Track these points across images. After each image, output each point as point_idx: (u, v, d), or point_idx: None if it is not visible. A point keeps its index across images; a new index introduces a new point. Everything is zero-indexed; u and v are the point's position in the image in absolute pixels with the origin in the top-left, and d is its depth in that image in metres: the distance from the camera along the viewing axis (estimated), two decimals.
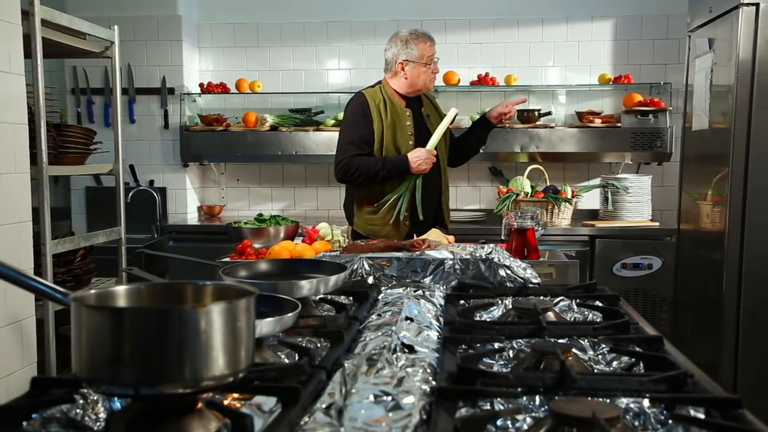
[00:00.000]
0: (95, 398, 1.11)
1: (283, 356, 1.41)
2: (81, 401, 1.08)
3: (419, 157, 3.06)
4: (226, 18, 5.04)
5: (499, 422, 1.00)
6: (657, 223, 4.40)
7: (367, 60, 4.98)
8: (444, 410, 0.98)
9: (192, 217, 4.99)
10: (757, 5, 2.93)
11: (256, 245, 2.67)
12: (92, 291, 1.05)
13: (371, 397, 0.99)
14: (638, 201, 4.42)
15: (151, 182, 4.89)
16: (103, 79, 4.88)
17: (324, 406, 1.01)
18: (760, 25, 2.92)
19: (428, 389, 1.10)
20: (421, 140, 3.17)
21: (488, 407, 1.07)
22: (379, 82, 3.32)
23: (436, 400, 1.02)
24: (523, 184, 4.34)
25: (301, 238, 2.82)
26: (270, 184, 5.13)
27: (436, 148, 3.12)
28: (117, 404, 1.13)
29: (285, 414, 1.00)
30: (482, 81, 4.73)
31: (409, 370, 1.18)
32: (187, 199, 4.95)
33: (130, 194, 4.39)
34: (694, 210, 3.54)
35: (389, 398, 1.00)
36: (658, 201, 4.59)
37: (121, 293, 1.07)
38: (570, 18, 4.85)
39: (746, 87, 2.97)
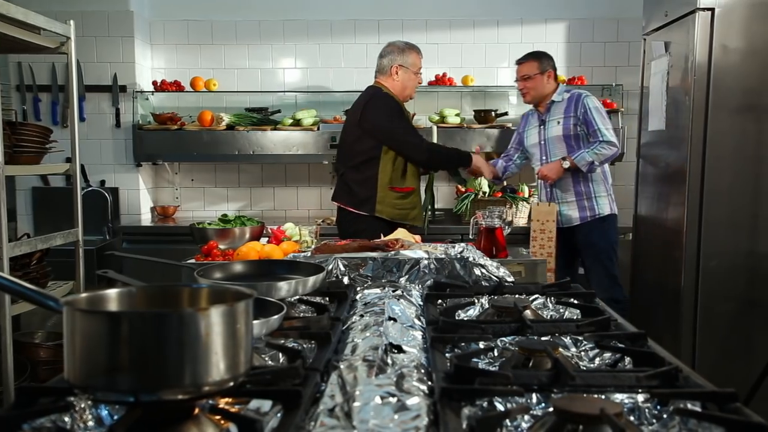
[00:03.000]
0: (83, 406, 1.07)
1: (267, 359, 1.38)
2: (69, 409, 1.04)
3: (482, 162, 3.75)
4: (179, 14, 4.95)
5: None
6: None
7: (323, 59, 4.95)
8: (450, 410, 0.98)
9: (145, 218, 4.88)
10: (712, 10, 3.03)
11: (222, 246, 2.62)
12: (83, 295, 1.01)
13: (378, 399, 0.98)
14: None
15: (102, 182, 4.76)
16: (50, 76, 4.73)
17: (327, 408, 1.00)
18: (716, 29, 3.02)
19: (426, 389, 1.10)
20: None
21: (485, 406, 1.08)
22: (376, 87, 3.55)
23: (441, 400, 1.01)
24: (481, 183, 4.38)
25: (266, 238, 2.79)
26: (225, 185, 5.05)
27: None
28: (104, 412, 1.10)
29: (289, 418, 0.98)
30: (440, 81, 4.76)
31: (404, 370, 1.17)
32: (140, 200, 4.84)
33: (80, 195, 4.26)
34: (651, 209, 3.63)
35: (395, 399, 1.00)
36: None
37: (114, 297, 1.04)
38: (524, 20, 4.92)
39: (702, 89, 3.06)
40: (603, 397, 1.09)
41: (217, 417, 1.03)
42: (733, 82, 3.06)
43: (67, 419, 1.04)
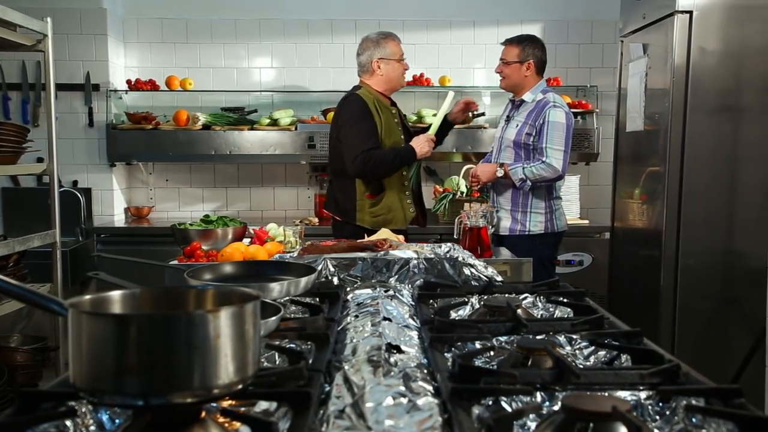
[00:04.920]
0: (84, 411, 1.05)
1: (263, 360, 1.37)
2: (71, 414, 1.02)
3: (420, 142, 3.30)
4: (153, 12, 4.88)
5: None
6: (586, 221, 4.55)
7: (300, 59, 4.93)
8: (461, 410, 0.98)
9: (119, 219, 4.80)
10: (690, 13, 3.09)
11: (205, 247, 2.59)
12: (87, 297, 0.99)
13: (390, 400, 0.98)
14: (568, 200, 4.53)
15: (75, 183, 4.68)
16: (20, 74, 4.64)
17: (338, 409, 0.99)
18: (694, 31, 3.08)
19: (431, 389, 1.10)
20: (406, 137, 3.43)
21: (490, 405, 1.08)
22: (358, 87, 3.44)
23: (451, 400, 1.01)
24: (459, 183, 4.40)
25: (249, 239, 2.76)
26: (201, 185, 5.00)
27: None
28: (104, 416, 1.08)
29: (300, 419, 0.97)
30: (417, 81, 4.77)
31: (408, 370, 1.17)
32: (114, 200, 4.76)
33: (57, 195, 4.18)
34: (629, 208, 3.69)
35: (405, 400, 0.99)
36: (586, 199, 4.74)
37: (118, 299, 1.02)
38: (500, 21, 4.95)
39: (681, 90, 3.12)
40: (606, 394, 1.11)
41: (224, 419, 1.02)
42: (711, 84, 3.12)
43: (68, 423, 1.02)
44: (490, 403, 1.09)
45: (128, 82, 4.70)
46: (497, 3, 4.94)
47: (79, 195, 4.51)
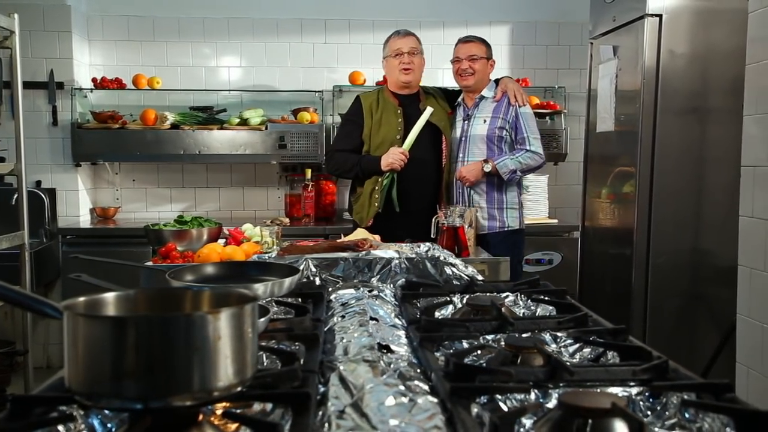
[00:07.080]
0: (75, 415, 1.03)
1: None
2: (63, 419, 1.00)
3: (387, 154, 3.24)
4: (119, 9, 4.80)
5: None
6: (555, 220, 4.60)
7: (269, 58, 4.90)
8: (462, 408, 0.98)
9: (84, 220, 4.71)
10: (660, 16, 3.16)
11: (180, 248, 2.56)
12: (81, 299, 0.97)
13: (391, 399, 0.98)
14: (537, 199, 4.60)
15: (38, 183, 4.57)
16: None
17: (337, 410, 0.99)
18: (663, 34, 3.15)
19: (427, 388, 1.10)
20: (405, 135, 3.32)
21: (485, 403, 1.09)
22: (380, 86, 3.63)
23: (451, 398, 1.01)
24: None
25: (224, 240, 2.73)
26: (169, 185, 4.92)
27: (413, 148, 3.22)
28: (95, 420, 1.06)
29: (301, 421, 0.96)
30: (384, 82, 4.75)
31: (402, 370, 1.17)
32: (79, 201, 4.67)
33: (15, 196, 4.08)
34: (599, 208, 3.74)
35: (406, 399, 0.99)
36: (554, 199, 4.80)
37: (113, 301, 1.00)
38: (469, 22, 4.98)
39: (651, 92, 3.18)
40: (598, 390, 1.12)
41: (221, 422, 1.01)
42: (680, 86, 3.20)
43: (61, 428, 1.00)
44: (485, 401, 1.09)
45: (94, 80, 4.61)
46: (466, 4, 4.97)
47: (42, 195, 4.41)
